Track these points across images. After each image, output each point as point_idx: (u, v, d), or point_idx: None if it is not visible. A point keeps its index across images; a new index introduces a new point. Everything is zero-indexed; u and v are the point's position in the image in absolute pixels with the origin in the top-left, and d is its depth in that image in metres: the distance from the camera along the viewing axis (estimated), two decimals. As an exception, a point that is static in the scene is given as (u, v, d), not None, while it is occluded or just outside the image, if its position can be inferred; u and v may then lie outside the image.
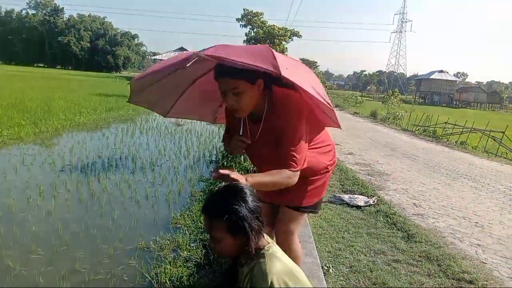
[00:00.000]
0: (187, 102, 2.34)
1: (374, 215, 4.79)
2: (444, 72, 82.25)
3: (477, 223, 4.89)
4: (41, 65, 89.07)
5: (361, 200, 5.24)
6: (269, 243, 1.49)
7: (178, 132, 11.70)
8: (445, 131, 16.47)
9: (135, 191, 5.64)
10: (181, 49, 46.60)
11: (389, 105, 25.25)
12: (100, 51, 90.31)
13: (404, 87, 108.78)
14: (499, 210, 5.59)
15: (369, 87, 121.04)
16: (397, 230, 4.31)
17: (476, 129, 15.03)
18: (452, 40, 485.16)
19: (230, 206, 1.37)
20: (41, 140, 8.98)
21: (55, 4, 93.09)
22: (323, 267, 3.20)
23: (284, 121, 1.82)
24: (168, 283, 3.16)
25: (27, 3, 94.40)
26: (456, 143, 14.21)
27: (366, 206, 5.09)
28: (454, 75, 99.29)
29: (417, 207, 5.37)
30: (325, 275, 3.06)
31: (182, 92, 2.28)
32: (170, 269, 3.31)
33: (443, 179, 7.44)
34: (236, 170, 6.11)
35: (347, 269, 3.29)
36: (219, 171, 1.51)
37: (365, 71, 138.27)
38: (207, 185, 6.15)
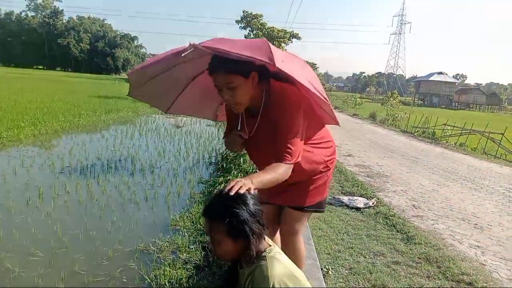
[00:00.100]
0: (188, 98, 2.34)
1: (373, 217, 4.79)
2: (443, 73, 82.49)
3: (476, 224, 4.89)
4: (41, 67, 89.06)
5: (360, 202, 5.24)
6: (270, 245, 1.49)
7: (177, 134, 11.70)
8: (444, 133, 16.48)
9: (135, 193, 5.63)
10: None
11: (388, 106, 25.31)
12: (99, 53, 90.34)
13: (403, 89, 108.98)
14: (498, 211, 5.60)
15: (368, 89, 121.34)
16: (396, 232, 4.31)
17: (475, 130, 15.05)
18: (452, 40, 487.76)
19: (231, 209, 1.37)
20: (41, 142, 8.97)
21: (55, 6, 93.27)
22: (322, 269, 3.20)
23: (280, 114, 1.81)
24: (167, 285, 3.16)
25: (27, 5, 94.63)
26: (455, 144, 14.23)
27: (365, 208, 5.10)
28: (453, 77, 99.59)
29: (416, 208, 5.38)
30: (324, 277, 3.07)
31: (182, 88, 2.28)
32: (169, 271, 3.31)
33: (442, 180, 7.45)
34: (235, 171, 6.14)
35: (347, 271, 3.29)
36: (228, 189, 1.41)
37: (364, 73, 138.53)
38: (207, 187, 6.15)
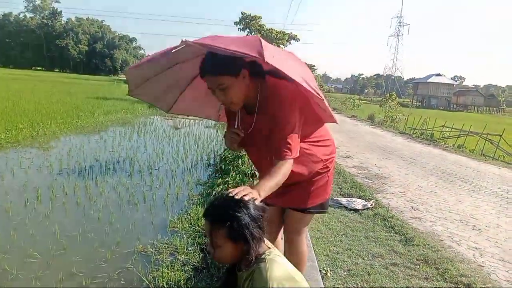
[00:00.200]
0: (190, 98, 2.35)
1: (372, 218, 4.79)
2: (441, 75, 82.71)
3: (474, 226, 4.90)
4: (39, 68, 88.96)
5: (359, 203, 5.25)
6: (269, 247, 1.49)
7: (176, 135, 11.70)
8: (443, 134, 16.50)
9: (133, 195, 5.62)
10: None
11: (387, 108, 25.29)
12: (98, 54, 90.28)
13: (401, 91, 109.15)
14: (496, 213, 5.61)
15: (366, 91, 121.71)
16: (394, 233, 4.31)
17: (473, 132, 15.07)
18: (452, 40, 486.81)
19: (232, 213, 1.37)
20: (39, 143, 8.96)
21: (53, 7, 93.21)
22: (321, 271, 3.20)
23: (275, 110, 1.81)
24: (165, 287, 3.16)
25: (25, 6, 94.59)
26: (453, 146, 14.25)
27: (364, 209, 5.10)
28: (451, 79, 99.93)
29: (414, 210, 5.38)
30: (323, 279, 3.07)
31: (183, 88, 2.29)
32: (167, 273, 3.31)
33: (441, 182, 7.46)
34: (234, 173, 6.14)
35: (345, 273, 3.29)
36: (233, 192, 1.43)
37: (362, 75, 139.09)
38: (205, 188, 6.15)
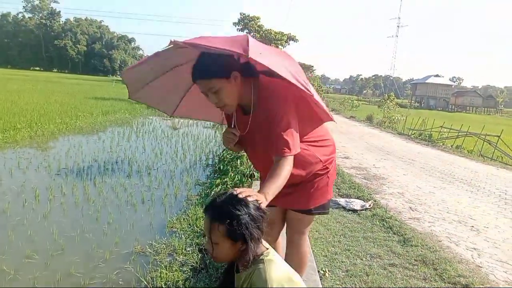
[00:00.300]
0: (192, 101, 2.34)
1: (370, 219, 4.79)
2: (439, 76, 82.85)
3: (472, 227, 4.90)
4: (38, 68, 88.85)
5: (357, 204, 5.25)
6: (267, 248, 1.49)
7: (174, 135, 11.70)
8: (441, 135, 16.54)
9: (131, 195, 5.62)
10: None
11: (385, 109, 25.31)
12: (96, 54, 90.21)
13: (400, 91, 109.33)
14: (494, 214, 5.62)
15: (365, 91, 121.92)
16: (393, 234, 4.32)
17: (471, 133, 15.10)
18: (451, 40, 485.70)
19: (233, 211, 1.36)
20: (37, 143, 8.95)
21: (52, 7, 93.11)
22: (319, 271, 3.20)
23: (270, 107, 1.81)
24: (164, 287, 3.16)
25: (24, 6, 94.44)
26: (451, 147, 14.28)
27: (362, 210, 5.10)
28: (449, 79, 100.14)
29: (413, 211, 5.39)
30: (321, 279, 3.07)
31: (185, 91, 2.29)
32: (166, 274, 3.31)
33: (439, 183, 7.47)
34: (232, 173, 6.14)
35: (343, 273, 3.29)
36: (237, 191, 1.44)
37: (361, 75, 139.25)
38: (204, 189, 6.15)
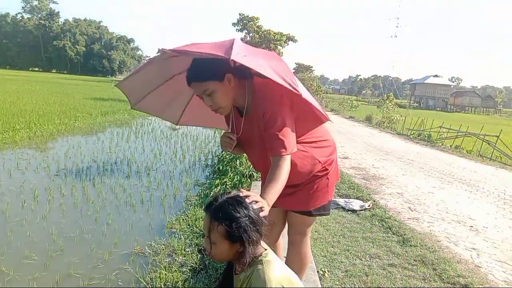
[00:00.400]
0: (195, 109, 2.35)
1: (369, 219, 4.80)
2: (438, 76, 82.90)
3: (472, 227, 4.91)
4: (36, 69, 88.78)
5: (356, 204, 5.25)
6: (265, 249, 1.49)
7: (173, 136, 11.69)
8: (440, 135, 16.54)
9: (130, 196, 5.62)
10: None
11: (384, 109, 25.31)
12: (95, 55, 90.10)
13: (399, 92, 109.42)
14: (493, 213, 5.62)
15: (364, 91, 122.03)
16: (392, 234, 4.32)
17: (470, 133, 15.12)
18: (452, 40, 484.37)
19: (233, 213, 1.36)
20: (36, 144, 8.94)
21: (51, 8, 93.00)
22: (318, 272, 3.20)
23: (264, 107, 1.81)
24: (163, 288, 3.16)
25: (23, 7, 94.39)
26: (450, 147, 14.28)
27: (361, 210, 5.11)
28: (448, 80, 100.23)
29: (412, 211, 5.39)
30: (320, 279, 3.07)
31: (187, 100, 2.30)
32: (165, 274, 3.30)
33: (438, 183, 7.47)
34: (232, 173, 6.14)
35: (343, 273, 3.29)
36: (243, 193, 1.45)
37: (360, 76, 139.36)
38: (203, 189, 6.15)
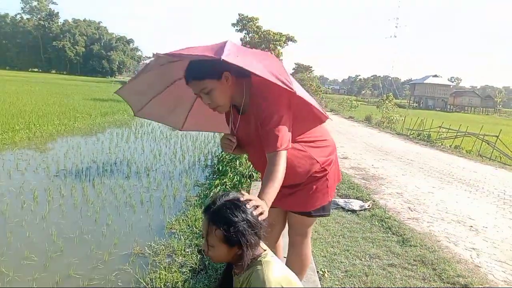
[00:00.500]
0: (198, 114, 2.35)
1: (369, 219, 4.80)
2: (438, 76, 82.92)
3: (471, 226, 4.91)
4: (36, 70, 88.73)
5: (356, 204, 5.25)
6: (264, 250, 1.49)
7: (173, 136, 11.68)
8: (439, 135, 16.55)
9: (130, 196, 5.61)
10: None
11: (384, 109, 25.31)
12: (95, 55, 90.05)
13: (398, 92, 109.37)
14: (493, 213, 5.62)
15: (363, 92, 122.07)
16: (392, 234, 4.32)
17: (470, 133, 15.12)
18: (452, 40, 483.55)
19: (231, 217, 1.35)
20: (35, 145, 8.93)
21: (50, 8, 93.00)
22: (318, 272, 3.20)
23: (261, 105, 1.82)
24: (163, 288, 3.15)
25: (22, 7, 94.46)
26: (450, 147, 14.29)
27: (361, 210, 5.11)
28: (448, 80, 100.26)
29: (412, 211, 5.39)
30: (320, 280, 3.07)
31: (190, 105, 2.30)
32: (165, 275, 3.30)
33: (438, 183, 7.47)
34: (231, 174, 6.14)
35: (342, 274, 3.29)
36: (244, 197, 1.44)
37: (359, 76, 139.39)
38: (203, 190, 6.15)
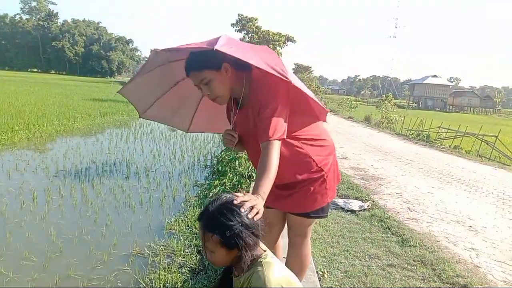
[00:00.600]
0: (205, 116, 2.34)
1: (368, 219, 4.80)
2: (437, 76, 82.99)
3: (471, 227, 4.91)
4: (35, 70, 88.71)
5: (355, 204, 5.25)
6: (264, 251, 1.49)
7: (172, 137, 11.68)
8: (439, 136, 16.55)
9: (129, 197, 5.61)
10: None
11: (383, 109, 25.32)
12: (94, 56, 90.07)
13: (398, 92, 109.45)
14: (492, 214, 5.63)
15: (363, 92, 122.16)
16: (391, 234, 4.32)
17: (469, 133, 15.14)
18: (451, 41, 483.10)
19: (225, 222, 1.34)
20: (35, 145, 8.93)
21: (49, 9, 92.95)
22: (318, 272, 3.20)
23: (260, 97, 1.82)
24: (162, 289, 3.15)
25: (21, 8, 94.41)
26: (449, 147, 14.30)
27: (360, 210, 5.11)
28: (447, 80, 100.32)
29: (411, 211, 5.40)
30: (320, 280, 3.07)
31: (195, 106, 2.30)
32: (164, 275, 3.30)
33: (437, 183, 7.48)
34: (231, 174, 6.14)
35: (342, 274, 3.29)
36: (238, 200, 1.43)
37: (359, 76, 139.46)
38: (202, 190, 6.14)
